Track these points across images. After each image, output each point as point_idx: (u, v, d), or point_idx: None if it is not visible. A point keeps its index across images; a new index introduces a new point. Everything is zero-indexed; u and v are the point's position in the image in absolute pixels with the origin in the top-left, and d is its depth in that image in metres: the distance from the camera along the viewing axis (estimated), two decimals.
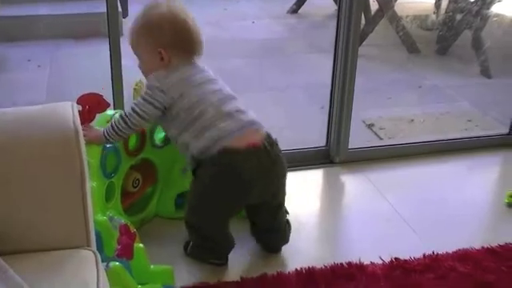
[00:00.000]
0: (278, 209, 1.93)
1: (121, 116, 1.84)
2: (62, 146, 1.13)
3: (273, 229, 1.95)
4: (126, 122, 1.83)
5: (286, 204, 1.98)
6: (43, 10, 4.10)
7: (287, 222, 2.00)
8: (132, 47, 1.91)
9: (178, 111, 1.82)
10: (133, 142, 1.97)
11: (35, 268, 1.09)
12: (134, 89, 2.00)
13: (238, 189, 1.80)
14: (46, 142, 1.13)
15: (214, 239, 1.91)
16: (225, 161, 1.77)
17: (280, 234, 1.97)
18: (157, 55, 1.85)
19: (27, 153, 1.12)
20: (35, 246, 1.14)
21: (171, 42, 1.85)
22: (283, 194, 1.93)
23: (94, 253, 1.16)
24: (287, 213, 2.01)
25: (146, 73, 1.91)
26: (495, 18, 3.97)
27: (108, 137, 1.84)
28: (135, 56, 1.93)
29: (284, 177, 1.90)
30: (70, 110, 1.19)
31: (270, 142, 1.83)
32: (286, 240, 1.99)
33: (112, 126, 1.84)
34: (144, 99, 1.82)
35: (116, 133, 1.83)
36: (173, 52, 1.85)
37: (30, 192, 1.13)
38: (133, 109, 1.83)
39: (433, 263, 1.93)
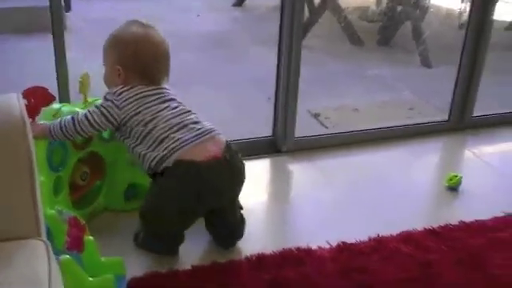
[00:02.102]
0: (232, 208, 1.96)
1: (72, 118, 1.84)
2: (10, 137, 1.12)
3: (226, 225, 1.97)
4: (75, 127, 1.83)
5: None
6: None
7: (242, 217, 2.01)
8: (102, 55, 1.93)
9: (133, 127, 1.83)
10: None
11: None
12: (80, 81, 1.98)
13: (197, 197, 1.81)
14: None
15: (166, 238, 1.91)
16: (183, 172, 1.78)
17: (234, 228, 1.99)
18: (115, 71, 1.87)
19: None
20: None
21: (131, 64, 1.87)
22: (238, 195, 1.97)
23: (45, 242, 1.16)
24: (241, 208, 2.03)
25: (106, 83, 1.93)
26: (433, 9, 4.10)
27: (54, 134, 1.83)
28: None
29: (242, 184, 1.92)
30: (15, 102, 1.19)
31: (231, 153, 1.85)
32: (240, 235, 2.00)
33: (60, 125, 1.83)
34: (99, 110, 1.83)
35: (63, 133, 1.83)
36: (131, 74, 1.87)
37: None
38: (86, 116, 1.83)
39: (378, 245, 1.99)
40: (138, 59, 1.87)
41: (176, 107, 1.88)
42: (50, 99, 1.92)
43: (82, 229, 1.71)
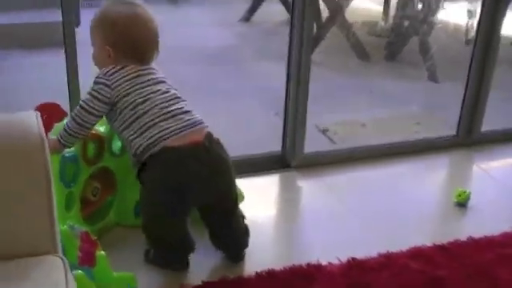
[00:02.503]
0: (231, 213, 1.95)
1: (71, 116, 1.85)
2: (28, 154, 1.14)
3: (229, 234, 1.97)
4: (76, 121, 1.83)
5: (243, 209, 2.01)
6: None
7: (245, 227, 2.02)
8: (90, 35, 1.91)
9: (123, 109, 1.82)
10: (91, 150, 1.98)
11: (4, 276, 1.10)
12: None
13: (181, 184, 1.80)
14: (11, 151, 1.14)
15: (172, 244, 1.91)
16: (165, 158, 1.78)
17: (237, 239, 1.99)
18: (105, 51, 1.86)
19: None
20: (2, 254, 1.15)
21: (120, 43, 1.85)
22: (234, 197, 1.94)
23: (62, 259, 1.18)
24: (244, 218, 2.03)
25: (96, 64, 1.92)
26: (440, 25, 4.12)
27: (63, 141, 1.83)
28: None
29: (229, 175, 1.89)
30: (34, 119, 1.21)
31: (210, 141, 1.84)
32: (244, 245, 2.01)
33: (64, 128, 1.84)
34: (91, 95, 1.83)
35: (69, 134, 1.83)
36: (121, 53, 1.86)
37: None
38: (81, 106, 1.83)
39: (387, 261, 2.00)
40: (127, 38, 1.85)
41: (167, 91, 1.87)
42: (62, 115, 1.95)
43: (93, 244, 1.72)
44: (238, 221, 1.99)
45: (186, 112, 1.85)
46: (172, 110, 1.83)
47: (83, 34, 2.14)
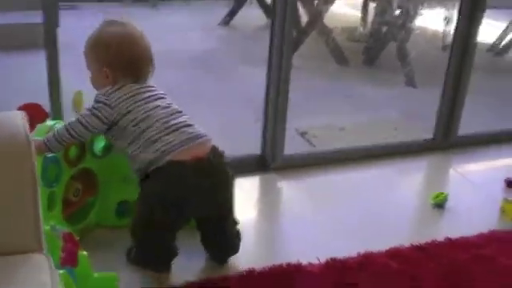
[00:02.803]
0: (225, 219, 1.97)
1: (64, 126, 1.86)
2: (15, 155, 1.15)
3: (221, 239, 1.98)
4: (69, 132, 1.85)
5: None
6: None
7: (237, 232, 2.03)
8: (85, 59, 1.95)
9: (126, 126, 1.85)
10: (73, 151, 1.98)
11: None
12: (73, 99, 2.01)
13: (182, 198, 1.82)
14: None
15: (158, 250, 1.92)
16: (170, 172, 1.80)
17: (229, 243, 2.00)
18: (102, 73, 1.90)
19: None
20: None
21: (116, 63, 1.90)
22: (230, 205, 1.96)
23: (47, 257, 1.18)
24: (236, 223, 2.03)
25: (95, 87, 1.95)
26: (418, 31, 4.18)
27: (49, 145, 1.85)
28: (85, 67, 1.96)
29: (229, 187, 1.93)
30: (20, 120, 1.21)
31: (216, 154, 1.87)
32: (235, 250, 2.02)
33: (54, 135, 1.85)
34: (91, 112, 1.85)
35: (58, 141, 1.85)
36: (118, 73, 1.90)
37: None
38: (78, 120, 1.85)
39: (367, 261, 2.03)
40: (123, 57, 1.89)
41: (168, 106, 1.90)
42: (44, 116, 1.96)
43: (76, 244, 1.72)
44: (232, 226, 2.00)
45: (189, 125, 1.88)
46: (174, 124, 1.85)
47: (63, 36, 2.16)
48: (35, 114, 1.90)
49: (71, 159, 1.97)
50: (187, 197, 1.82)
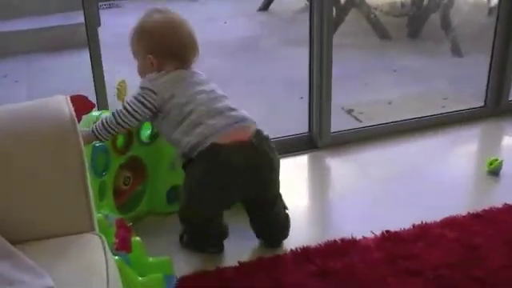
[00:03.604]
0: (272, 203, 1.95)
1: (112, 114, 1.89)
2: (61, 136, 1.17)
3: (270, 223, 1.97)
4: (116, 120, 1.87)
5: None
6: (15, 25, 4.11)
7: (286, 217, 2.02)
8: (131, 49, 1.98)
9: (169, 110, 1.87)
10: (121, 140, 2.00)
11: (44, 253, 1.12)
12: (117, 88, 2.02)
13: (226, 181, 1.83)
14: (45, 133, 1.17)
15: (208, 231, 1.94)
16: (212, 155, 1.81)
17: (277, 228, 1.99)
18: (148, 60, 1.92)
19: (29, 146, 1.16)
20: (42, 233, 1.17)
21: (160, 49, 1.92)
22: (275, 188, 1.95)
23: (100, 236, 1.20)
24: (286, 208, 2.03)
25: (140, 74, 1.98)
26: None
27: (98, 134, 1.87)
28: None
29: (273, 171, 1.90)
30: (65, 103, 1.23)
31: (259, 138, 1.86)
32: (284, 235, 2.00)
33: (102, 123, 1.88)
34: (136, 99, 1.88)
35: (106, 130, 1.87)
36: (162, 60, 1.92)
37: (33, 182, 1.16)
38: (125, 107, 1.88)
39: (422, 232, 1.98)
40: (166, 44, 1.92)
41: (212, 90, 1.91)
42: (90, 106, 1.97)
43: (129, 230, 1.74)
44: (279, 211, 1.99)
45: (233, 109, 1.88)
46: (217, 108, 1.86)
47: (104, 34, 2.20)
48: (81, 105, 1.92)
49: (119, 148, 1.99)
50: (229, 179, 1.83)
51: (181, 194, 1.94)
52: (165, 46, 1.92)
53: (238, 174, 1.82)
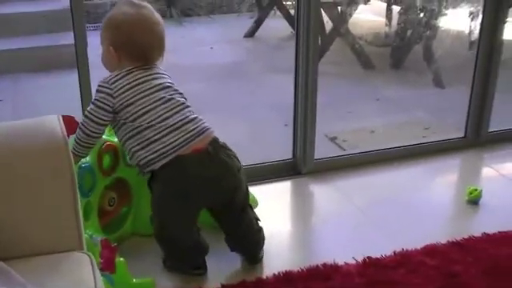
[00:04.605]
0: (241, 211, 1.96)
1: (79, 127, 1.87)
2: (53, 154, 1.18)
3: (243, 235, 1.99)
4: (83, 131, 1.85)
5: (256, 212, 2.05)
6: (1, 45, 4.11)
7: (260, 229, 2.03)
8: (100, 36, 1.94)
9: (126, 119, 1.83)
10: (107, 161, 2.01)
11: (34, 270, 1.13)
12: None
13: (187, 189, 1.84)
14: (37, 152, 1.19)
15: (186, 248, 1.94)
16: (169, 169, 1.82)
17: (250, 238, 2.00)
18: (110, 52, 1.87)
19: (21, 163, 1.18)
20: (31, 250, 1.18)
21: (123, 43, 1.86)
22: (241, 195, 1.94)
23: (88, 255, 1.21)
24: (258, 220, 2.04)
25: (103, 64, 1.94)
26: (443, 30, 4.16)
27: (75, 151, 1.84)
28: None
29: (235, 178, 1.90)
30: (57, 122, 1.25)
31: (215, 146, 1.86)
32: (259, 245, 2.03)
33: (75, 139, 1.86)
34: (95, 105, 1.84)
35: (80, 145, 1.86)
36: (123, 54, 1.87)
37: (24, 200, 1.18)
38: (87, 116, 1.85)
39: (403, 259, 2.01)
40: (131, 39, 1.86)
41: (171, 98, 1.86)
42: (76, 127, 1.98)
43: (113, 250, 1.75)
44: (250, 221, 2.00)
45: (191, 121, 1.85)
46: (176, 123, 1.83)
47: (90, 55, 2.21)
48: (69, 125, 1.91)
49: (105, 169, 2.00)
50: (190, 188, 1.83)
51: (152, 214, 1.95)
52: (129, 42, 1.86)
53: (197, 182, 1.83)
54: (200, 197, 1.87)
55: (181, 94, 1.92)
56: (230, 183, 1.90)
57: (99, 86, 1.86)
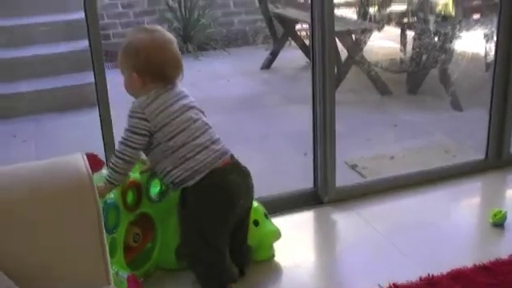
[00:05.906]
0: (248, 212, 2.08)
1: (115, 155, 1.93)
2: (79, 192, 1.21)
3: (243, 243, 2.10)
4: (120, 158, 1.92)
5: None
6: (24, 87, 4.19)
7: (249, 247, 2.14)
8: (118, 65, 2.01)
9: (160, 140, 1.92)
10: (130, 197, 2.04)
11: None
12: None
13: (226, 201, 1.94)
14: (63, 190, 1.22)
15: (217, 263, 1.97)
16: (208, 182, 1.91)
17: (246, 247, 2.11)
18: (133, 77, 1.95)
19: (47, 202, 1.20)
20: (60, 286, 1.20)
21: (145, 67, 1.94)
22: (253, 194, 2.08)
23: None
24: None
25: (127, 90, 2.01)
26: (459, 53, 4.17)
27: (111, 180, 1.92)
28: None
29: (253, 189, 2.04)
30: (81, 160, 1.28)
31: (235, 161, 2.00)
32: (249, 255, 2.13)
33: (111, 167, 1.93)
34: (130, 131, 1.92)
35: (117, 171, 1.92)
36: (147, 77, 1.95)
37: (53, 235, 1.20)
38: (123, 143, 1.92)
39: (430, 284, 2.00)
40: (151, 63, 1.94)
41: (197, 119, 1.97)
42: (100, 165, 2.01)
43: (140, 285, 1.76)
44: (247, 230, 2.12)
45: (215, 141, 1.97)
46: (204, 142, 1.94)
47: (111, 93, 2.26)
48: (92, 163, 1.95)
49: (129, 205, 2.03)
50: (233, 191, 1.95)
51: (185, 239, 1.98)
52: (150, 65, 1.94)
53: (237, 188, 1.95)
54: (237, 204, 1.96)
55: (202, 112, 2.03)
56: (252, 192, 2.04)
57: (132, 112, 1.94)
